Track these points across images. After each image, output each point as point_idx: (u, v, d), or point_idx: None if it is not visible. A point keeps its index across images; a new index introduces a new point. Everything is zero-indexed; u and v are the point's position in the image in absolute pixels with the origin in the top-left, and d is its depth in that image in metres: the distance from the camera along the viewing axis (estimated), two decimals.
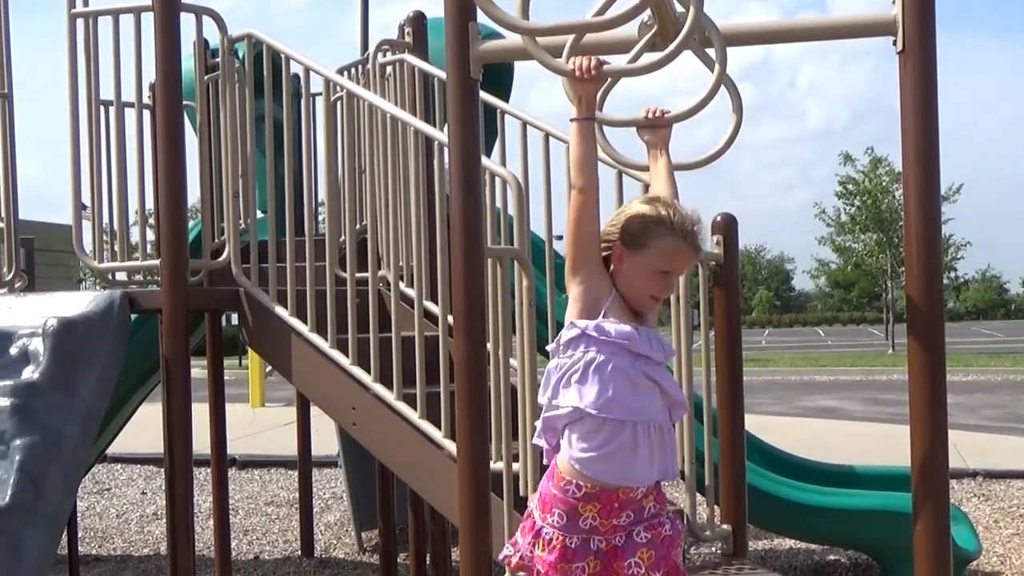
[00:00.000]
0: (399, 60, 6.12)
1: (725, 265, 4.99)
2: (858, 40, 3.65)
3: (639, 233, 3.03)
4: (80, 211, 5.66)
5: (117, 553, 8.53)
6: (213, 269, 5.81)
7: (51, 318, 4.92)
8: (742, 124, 3.52)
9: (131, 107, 5.69)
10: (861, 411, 17.77)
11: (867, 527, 6.74)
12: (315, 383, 5.35)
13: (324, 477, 11.06)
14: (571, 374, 2.99)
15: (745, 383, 5.16)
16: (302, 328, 5.27)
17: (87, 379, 4.87)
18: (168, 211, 5.36)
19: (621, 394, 2.95)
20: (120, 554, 8.49)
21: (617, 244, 3.05)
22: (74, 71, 5.53)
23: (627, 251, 3.04)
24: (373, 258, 5.27)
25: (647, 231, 3.03)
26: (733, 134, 3.48)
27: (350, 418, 5.17)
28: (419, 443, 4.84)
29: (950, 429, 3.66)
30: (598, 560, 3.04)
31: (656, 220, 3.03)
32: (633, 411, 2.96)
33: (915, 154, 3.47)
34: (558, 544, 3.03)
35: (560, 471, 3.02)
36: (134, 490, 11.29)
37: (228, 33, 5.71)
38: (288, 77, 5.81)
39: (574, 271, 3.05)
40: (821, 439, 12.45)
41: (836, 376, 26.61)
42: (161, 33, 5.29)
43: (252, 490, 11.16)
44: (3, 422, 4.56)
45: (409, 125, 5.26)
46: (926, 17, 3.41)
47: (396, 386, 4.93)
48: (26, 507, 4.40)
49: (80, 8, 5.55)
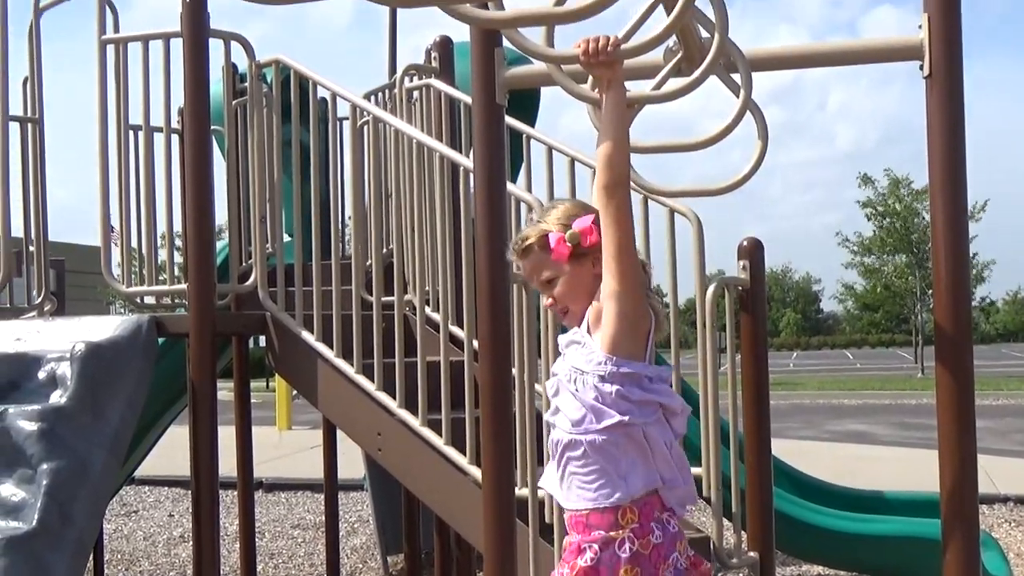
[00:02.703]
0: (425, 85, 6.15)
1: (751, 290, 4.97)
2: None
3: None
4: (108, 235, 5.70)
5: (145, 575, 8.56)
6: (240, 293, 5.83)
7: (79, 342, 4.94)
8: (767, 149, 3.52)
9: (160, 131, 5.74)
10: (890, 435, 17.64)
11: (896, 554, 6.68)
12: (341, 408, 5.36)
13: (350, 501, 11.05)
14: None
15: (772, 407, 5.14)
16: (328, 353, 5.28)
17: (115, 403, 4.89)
18: (196, 235, 5.39)
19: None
20: None
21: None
22: (104, 96, 5.59)
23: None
24: (399, 282, 5.28)
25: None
26: (758, 160, 3.47)
27: (375, 443, 5.17)
28: (444, 469, 4.84)
29: (980, 454, 3.65)
30: None
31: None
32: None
33: (942, 177, 3.47)
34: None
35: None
36: (161, 512, 11.33)
37: (256, 58, 5.74)
38: (316, 102, 5.85)
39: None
40: (849, 464, 12.37)
41: (865, 400, 26.43)
42: (190, 59, 5.33)
43: (278, 513, 11.17)
44: (31, 446, 4.58)
45: (435, 150, 5.28)
46: (952, 42, 3.42)
47: (421, 412, 4.93)
48: (53, 531, 4.41)
49: (110, 35, 5.61)
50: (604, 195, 2.75)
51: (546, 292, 2.94)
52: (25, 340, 5.22)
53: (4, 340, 5.25)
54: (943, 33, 3.40)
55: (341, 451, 8.51)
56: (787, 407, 23.02)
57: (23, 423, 4.62)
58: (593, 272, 2.85)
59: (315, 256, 5.57)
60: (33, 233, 6.16)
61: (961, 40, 3.43)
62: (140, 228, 5.87)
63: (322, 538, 8.82)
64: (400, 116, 5.96)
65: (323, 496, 8.62)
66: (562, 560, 2.86)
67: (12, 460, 4.63)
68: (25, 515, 4.45)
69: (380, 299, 5.17)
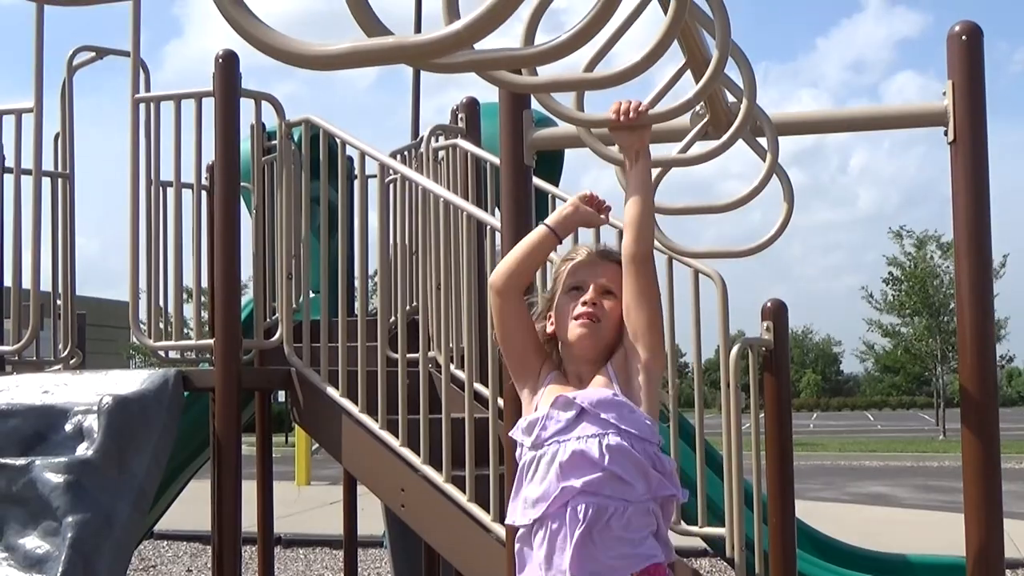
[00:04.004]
0: (452, 145, 6.21)
1: (775, 351, 4.98)
2: None
3: (551, 288, 2.93)
4: (137, 290, 5.74)
5: None
6: (265, 349, 5.86)
7: (106, 396, 4.98)
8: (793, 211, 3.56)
9: (189, 188, 5.81)
10: (913, 498, 17.48)
11: None
12: (364, 463, 5.37)
13: (369, 558, 11.01)
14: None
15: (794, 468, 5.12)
16: (352, 409, 5.30)
17: (140, 457, 4.92)
18: (223, 291, 5.44)
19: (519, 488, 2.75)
20: None
21: (550, 315, 2.86)
22: (136, 152, 5.65)
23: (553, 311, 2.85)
24: (424, 339, 5.31)
25: (554, 281, 2.92)
26: (784, 222, 3.50)
27: (399, 499, 5.18)
28: (467, 526, 4.84)
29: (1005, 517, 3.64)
30: None
31: (557, 269, 2.93)
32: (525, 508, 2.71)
33: (967, 241, 3.49)
34: None
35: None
36: (179, 567, 11.31)
37: (286, 117, 5.81)
38: (343, 161, 5.91)
39: (514, 379, 2.96)
40: (872, 526, 12.27)
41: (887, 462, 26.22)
42: (221, 118, 5.41)
43: (296, 569, 11.14)
44: (56, 498, 4.61)
45: (461, 209, 5.33)
46: (976, 109, 3.46)
47: (445, 468, 4.93)
48: None
49: (143, 94, 5.70)
50: (637, 265, 2.74)
51: (598, 300, 2.78)
52: (52, 392, 5.26)
53: (31, 392, 5.30)
54: (967, 99, 3.44)
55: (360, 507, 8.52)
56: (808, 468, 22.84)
57: (49, 475, 4.65)
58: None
59: (341, 312, 5.61)
60: (60, 287, 6.23)
61: (985, 106, 3.47)
62: (167, 283, 5.92)
63: None
64: (426, 175, 6.03)
65: (342, 552, 8.62)
66: None
67: (37, 512, 4.66)
68: (49, 568, 4.47)
69: (405, 356, 5.20)
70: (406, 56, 1.31)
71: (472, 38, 1.26)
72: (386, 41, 1.33)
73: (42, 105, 5.88)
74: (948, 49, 3.50)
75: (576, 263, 2.84)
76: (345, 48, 1.30)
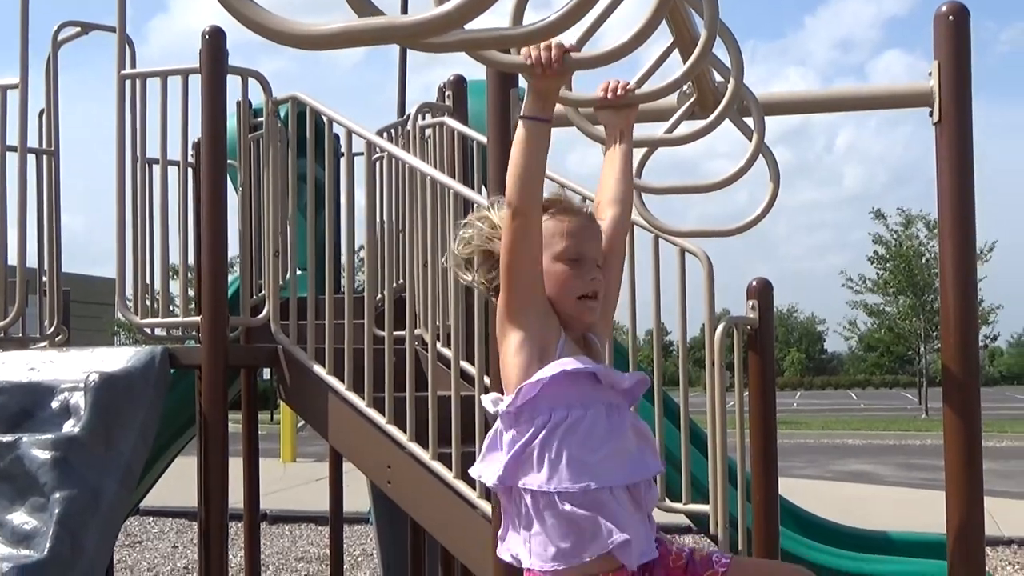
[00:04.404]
0: (439, 123, 6.20)
1: (760, 329, 4.99)
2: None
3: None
4: (123, 267, 5.71)
5: None
6: (252, 326, 5.86)
7: (92, 373, 4.98)
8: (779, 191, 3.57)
9: (175, 165, 5.80)
10: (895, 476, 17.60)
11: None
12: (351, 441, 5.38)
13: (355, 534, 11.05)
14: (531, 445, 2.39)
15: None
16: (339, 386, 5.31)
17: (127, 434, 4.92)
18: (210, 269, 5.43)
19: (585, 454, 2.39)
20: None
21: None
22: (122, 129, 5.63)
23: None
24: (411, 317, 5.32)
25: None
26: (770, 202, 3.51)
27: (385, 476, 5.19)
28: (453, 502, 4.86)
29: (985, 496, 3.66)
30: None
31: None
32: (602, 473, 2.39)
33: (951, 222, 3.51)
34: None
35: (545, 573, 2.41)
36: (165, 543, 11.34)
37: (272, 95, 5.80)
38: (330, 138, 5.90)
39: (512, 314, 2.46)
40: (854, 504, 12.35)
41: (869, 440, 26.36)
42: (208, 94, 5.40)
43: (282, 545, 11.18)
44: (44, 475, 4.61)
45: (448, 187, 5.33)
46: (962, 90, 3.46)
47: (432, 445, 4.95)
48: (64, 560, 4.44)
49: (129, 70, 5.67)
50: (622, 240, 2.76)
51: (598, 276, 2.56)
52: (38, 370, 5.26)
53: (17, 369, 5.29)
54: (953, 80, 3.45)
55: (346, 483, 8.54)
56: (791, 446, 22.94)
57: (36, 452, 4.66)
58: None
59: (328, 290, 5.61)
60: (46, 264, 6.21)
61: (970, 87, 3.48)
62: (153, 260, 5.91)
63: (326, 571, 8.83)
64: (413, 153, 6.02)
65: (328, 529, 8.65)
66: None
67: (25, 488, 4.66)
68: (37, 544, 4.47)
69: (391, 334, 5.21)
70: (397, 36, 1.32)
71: (463, 18, 1.27)
72: (377, 21, 1.33)
73: (27, 81, 5.85)
74: (935, 29, 3.51)
75: (573, 226, 2.54)
76: (336, 28, 1.30)
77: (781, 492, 5.33)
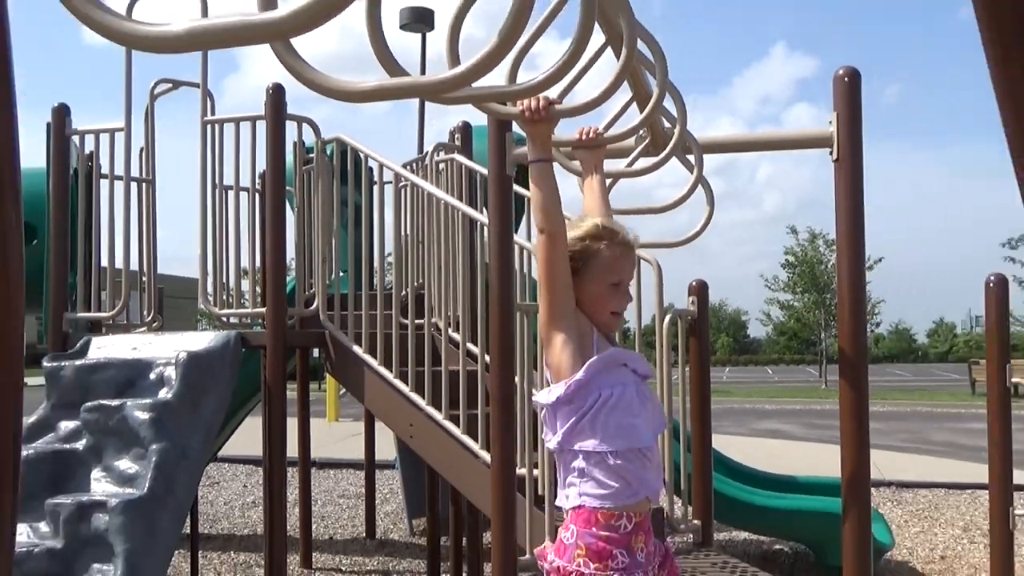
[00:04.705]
0: (450, 159, 6.20)
1: (698, 320, 5.01)
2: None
3: (578, 256, 2.41)
4: (205, 269, 5.70)
5: (224, 532, 8.54)
6: (305, 316, 5.86)
7: (182, 351, 4.97)
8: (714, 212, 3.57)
9: (245, 191, 5.79)
10: (801, 433, 17.61)
11: (805, 524, 6.70)
12: (381, 404, 5.38)
13: (384, 477, 11.02)
14: (584, 418, 2.34)
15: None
16: (373, 362, 5.31)
17: (208, 400, 4.91)
18: (272, 271, 5.43)
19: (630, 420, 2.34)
20: (226, 533, 8.50)
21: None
22: (204, 163, 5.63)
23: (574, 279, 2.41)
24: (428, 309, 5.31)
25: (586, 250, 2.42)
26: (707, 220, 3.52)
27: (408, 432, 5.20)
28: (460, 453, 4.86)
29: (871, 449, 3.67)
30: None
31: (592, 235, 2.43)
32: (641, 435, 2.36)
33: (846, 239, 3.51)
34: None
35: (600, 511, 2.32)
36: (237, 484, 11.30)
37: (321, 136, 5.80)
38: (366, 170, 5.90)
39: (556, 319, 2.38)
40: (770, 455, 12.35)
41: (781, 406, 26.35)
42: (271, 136, 5.39)
43: (328, 486, 11.15)
44: (143, 431, 4.61)
45: (457, 208, 5.33)
46: (855, 135, 3.47)
47: (444, 408, 4.95)
48: (159, 497, 4.43)
49: (210, 116, 5.67)
50: None
51: (625, 294, 2.49)
52: (139, 349, 5.26)
53: (123, 349, 5.29)
54: (848, 127, 3.46)
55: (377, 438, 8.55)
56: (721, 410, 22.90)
57: (138, 413, 4.65)
58: None
59: (363, 288, 5.60)
60: (145, 267, 6.19)
61: (862, 132, 3.49)
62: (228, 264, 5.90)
63: (362, 505, 8.83)
64: (430, 182, 6.02)
65: (363, 473, 8.65)
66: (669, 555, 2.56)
67: (128, 442, 4.66)
68: (138, 484, 4.47)
69: (413, 322, 5.21)
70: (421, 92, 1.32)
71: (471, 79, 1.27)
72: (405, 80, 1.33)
73: (131, 125, 5.83)
74: (834, 87, 3.52)
75: (621, 257, 2.45)
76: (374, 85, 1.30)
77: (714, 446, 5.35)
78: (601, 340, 2.42)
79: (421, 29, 19.40)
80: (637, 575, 2.30)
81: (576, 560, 2.30)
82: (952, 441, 15.79)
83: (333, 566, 7.40)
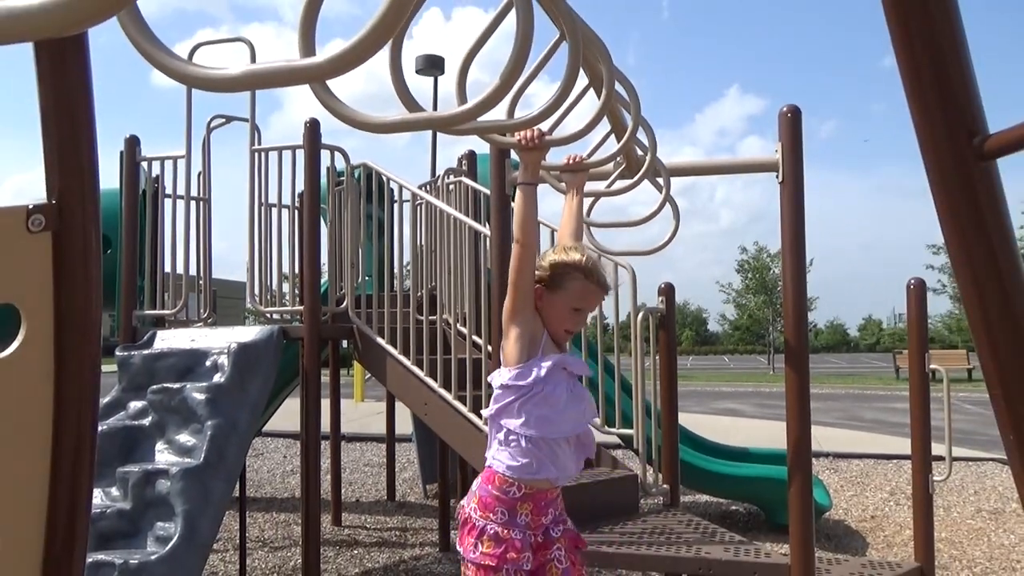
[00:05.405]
0: (458, 181, 6.20)
1: (666, 315, 5.01)
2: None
3: (557, 276, 2.40)
4: (252, 274, 5.71)
5: (267, 496, 8.53)
6: (336, 313, 5.86)
7: (233, 342, 4.97)
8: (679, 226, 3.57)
9: (286, 208, 5.78)
10: (753, 411, 17.62)
11: (757, 488, 6.71)
12: (401, 386, 5.38)
13: (402, 448, 11.01)
14: (515, 402, 2.34)
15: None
16: (393, 351, 5.31)
17: (255, 383, 4.90)
18: (308, 275, 5.43)
19: (550, 415, 2.33)
20: (269, 497, 8.49)
21: (538, 286, 2.41)
22: (252, 184, 5.63)
23: (546, 292, 2.40)
24: (439, 307, 5.31)
25: (564, 275, 2.40)
26: (674, 233, 3.52)
27: (423, 410, 5.19)
28: (467, 427, 4.86)
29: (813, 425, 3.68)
30: (533, 553, 2.35)
31: (572, 265, 2.41)
32: (557, 429, 2.35)
33: (790, 248, 3.52)
34: (505, 538, 2.31)
35: (500, 475, 2.35)
36: (278, 455, 11.29)
37: (350, 162, 5.80)
38: (388, 191, 5.89)
39: (514, 315, 2.36)
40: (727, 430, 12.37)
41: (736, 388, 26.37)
42: (308, 162, 5.39)
43: (355, 456, 11.14)
44: (200, 409, 4.60)
45: (464, 223, 5.33)
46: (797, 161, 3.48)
47: (453, 389, 4.95)
48: (213, 465, 4.43)
49: (257, 146, 5.67)
50: None
51: (582, 321, 2.49)
52: (197, 341, 5.25)
53: (183, 340, 5.28)
54: (791, 155, 3.47)
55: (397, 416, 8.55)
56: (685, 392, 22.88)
57: (196, 394, 4.65)
58: None
59: (385, 289, 5.60)
60: (201, 271, 6.18)
61: (802, 159, 3.50)
62: (271, 270, 5.90)
63: (384, 472, 8.83)
64: (442, 200, 6.02)
65: (385, 445, 8.65)
66: (569, 533, 2.49)
67: (188, 418, 4.66)
68: (195, 454, 4.46)
69: (427, 318, 5.21)
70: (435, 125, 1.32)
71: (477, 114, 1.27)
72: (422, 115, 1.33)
73: (191, 153, 5.83)
74: (779, 122, 3.52)
75: (590, 292, 2.43)
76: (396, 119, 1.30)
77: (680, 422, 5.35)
78: (549, 343, 2.41)
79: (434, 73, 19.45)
80: (514, 532, 2.32)
81: (471, 504, 2.38)
82: (879, 419, 15.80)
83: (359, 524, 7.39)
